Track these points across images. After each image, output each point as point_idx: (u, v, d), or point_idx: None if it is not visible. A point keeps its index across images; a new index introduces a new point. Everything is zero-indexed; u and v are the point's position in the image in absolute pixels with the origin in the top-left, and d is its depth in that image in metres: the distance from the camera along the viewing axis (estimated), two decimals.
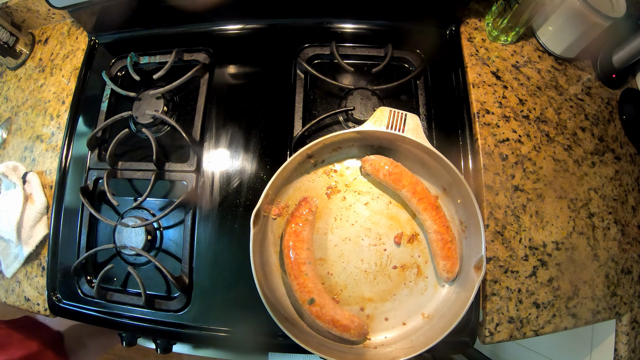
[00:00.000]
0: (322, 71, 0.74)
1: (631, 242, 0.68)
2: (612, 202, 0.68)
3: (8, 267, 0.75)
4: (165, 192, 0.72)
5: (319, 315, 0.57)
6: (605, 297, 0.65)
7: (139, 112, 0.73)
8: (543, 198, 0.66)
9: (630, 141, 0.73)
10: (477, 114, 0.69)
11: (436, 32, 0.77)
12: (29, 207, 0.73)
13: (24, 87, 0.87)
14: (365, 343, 0.61)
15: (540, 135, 0.69)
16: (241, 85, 0.76)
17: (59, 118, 0.80)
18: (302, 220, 0.60)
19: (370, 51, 0.76)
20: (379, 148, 0.67)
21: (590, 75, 0.76)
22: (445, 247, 0.59)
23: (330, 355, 0.55)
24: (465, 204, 0.61)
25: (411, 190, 0.61)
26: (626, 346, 0.66)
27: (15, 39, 0.86)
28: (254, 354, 0.67)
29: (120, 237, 0.68)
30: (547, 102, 0.72)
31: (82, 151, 0.76)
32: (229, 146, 0.72)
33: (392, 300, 0.63)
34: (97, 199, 0.74)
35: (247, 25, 0.80)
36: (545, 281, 0.63)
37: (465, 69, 0.73)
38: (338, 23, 0.78)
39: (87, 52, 0.84)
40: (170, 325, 0.66)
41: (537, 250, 0.64)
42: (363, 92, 0.71)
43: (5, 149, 0.83)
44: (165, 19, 0.81)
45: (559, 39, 0.73)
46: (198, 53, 0.79)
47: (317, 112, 0.73)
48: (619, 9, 0.66)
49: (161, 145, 0.74)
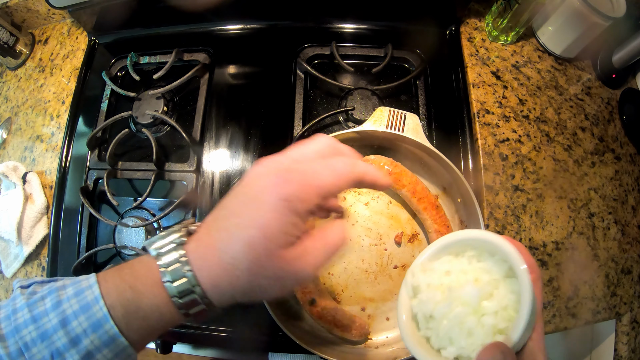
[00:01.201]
0: (322, 71, 0.74)
1: (631, 242, 0.68)
2: (612, 202, 0.69)
3: (8, 267, 0.75)
4: (165, 192, 0.72)
5: (320, 315, 0.57)
6: (605, 297, 0.65)
7: (139, 112, 0.73)
8: (543, 198, 0.66)
9: (630, 141, 0.73)
10: (477, 114, 0.69)
11: (436, 32, 0.77)
12: (29, 207, 0.73)
13: (24, 87, 0.87)
14: (366, 343, 0.61)
15: (540, 135, 0.69)
16: (241, 85, 0.76)
17: (59, 118, 0.80)
18: None
19: (370, 51, 0.76)
20: (379, 148, 0.67)
21: (590, 75, 0.76)
22: None
23: (331, 355, 0.55)
24: (466, 203, 0.61)
25: (411, 190, 0.61)
26: (626, 346, 0.66)
27: (15, 39, 0.86)
28: (254, 354, 0.66)
29: (120, 237, 0.68)
30: (547, 102, 0.72)
31: (82, 151, 0.76)
32: (229, 146, 0.72)
33: (394, 300, 0.62)
34: (97, 199, 0.74)
35: (247, 25, 0.80)
36: (545, 281, 0.63)
37: (465, 69, 0.73)
38: (338, 23, 0.78)
39: (87, 52, 0.84)
40: None
41: (537, 250, 0.64)
42: (363, 92, 0.71)
43: (5, 149, 0.83)
44: (165, 19, 0.81)
45: (559, 39, 0.73)
46: (198, 53, 0.79)
47: (317, 112, 0.73)
48: (619, 9, 0.66)
49: (161, 145, 0.74)
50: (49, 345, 0.27)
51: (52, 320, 0.28)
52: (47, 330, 0.28)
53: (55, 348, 0.28)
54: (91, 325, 0.28)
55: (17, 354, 0.27)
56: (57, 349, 0.28)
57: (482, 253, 0.36)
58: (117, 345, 0.29)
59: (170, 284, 0.29)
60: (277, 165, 0.31)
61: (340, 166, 0.31)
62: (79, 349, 0.28)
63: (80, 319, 0.28)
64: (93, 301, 0.29)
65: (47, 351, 0.27)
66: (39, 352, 0.27)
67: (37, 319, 0.28)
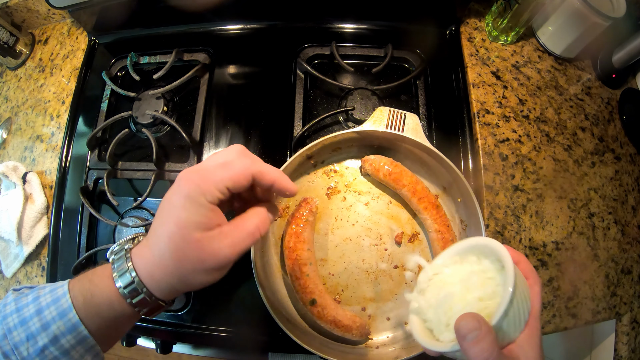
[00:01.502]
0: (322, 71, 0.74)
1: (631, 242, 0.68)
2: (612, 202, 0.69)
3: (8, 267, 0.75)
4: (165, 192, 0.72)
5: (320, 316, 0.57)
6: (605, 297, 0.65)
7: (139, 112, 0.73)
8: (543, 198, 0.66)
9: (630, 141, 0.73)
10: (477, 114, 0.69)
11: (436, 32, 0.77)
12: (29, 207, 0.73)
13: (24, 87, 0.87)
14: (367, 343, 0.61)
15: (540, 135, 0.69)
16: (241, 85, 0.76)
17: (59, 118, 0.80)
18: (303, 221, 0.59)
19: (370, 51, 0.76)
20: (379, 148, 0.67)
21: (590, 75, 0.76)
22: (446, 246, 0.59)
23: (332, 355, 0.55)
24: (466, 203, 0.61)
25: (411, 190, 0.61)
26: (626, 346, 0.66)
27: (15, 39, 0.86)
28: (254, 354, 0.66)
29: (120, 237, 0.68)
30: (547, 102, 0.72)
31: (82, 151, 0.76)
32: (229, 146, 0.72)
33: (394, 299, 0.62)
34: (97, 199, 0.74)
35: (247, 25, 0.80)
36: (545, 281, 0.63)
37: (465, 69, 0.73)
38: (338, 23, 0.78)
39: (87, 52, 0.84)
40: (170, 325, 0.66)
41: (537, 250, 0.64)
42: (363, 92, 0.71)
43: (5, 149, 0.83)
44: (165, 19, 0.81)
45: (559, 39, 0.73)
46: (198, 53, 0.79)
47: (317, 112, 0.73)
48: (619, 9, 0.66)
49: (161, 145, 0.74)
50: (25, 329, 0.34)
51: (30, 309, 0.35)
52: (26, 317, 0.35)
53: (30, 332, 0.34)
54: (59, 313, 0.35)
55: (2, 337, 0.34)
56: (31, 332, 0.34)
57: (480, 256, 0.41)
58: (79, 333, 0.35)
59: (117, 278, 0.37)
60: (185, 172, 0.37)
61: (236, 164, 0.38)
62: (48, 332, 0.34)
63: (51, 308, 0.35)
64: (62, 295, 0.36)
65: (24, 334, 0.34)
66: (18, 334, 0.34)
67: (20, 309, 0.35)
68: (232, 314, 0.65)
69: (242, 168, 0.37)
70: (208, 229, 0.36)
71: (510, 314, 0.34)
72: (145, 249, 0.38)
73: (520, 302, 0.35)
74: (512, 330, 0.35)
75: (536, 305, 0.37)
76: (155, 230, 0.37)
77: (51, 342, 0.34)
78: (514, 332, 0.36)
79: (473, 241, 0.42)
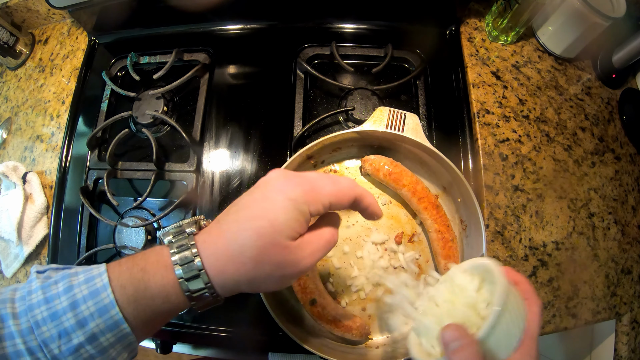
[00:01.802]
0: (322, 71, 0.74)
1: (631, 242, 0.68)
2: (612, 202, 0.69)
3: (8, 267, 0.75)
4: (165, 192, 0.72)
5: (320, 316, 0.57)
6: (605, 297, 0.65)
7: (139, 112, 0.73)
8: (543, 198, 0.66)
9: (630, 141, 0.73)
10: (477, 114, 0.69)
11: (436, 32, 0.77)
12: (29, 207, 0.73)
13: (24, 87, 0.87)
14: (367, 343, 0.61)
15: (540, 135, 0.69)
16: (241, 85, 0.76)
17: (59, 118, 0.80)
18: None
19: (370, 51, 0.76)
20: (379, 148, 0.67)
21: (590, 75, 0.76)
22: (446, 246, 0.59)
23: (332, 355, 0.55)
24: (466, 203, 0.61)
25: (411, 190, 0.61)
26: (626, 346, 0.66)
27: (15, 39, 0.86)
28: (254, 354, 0.66)
29: (120, 237, 0.68)
30: (547, 102, 0.72)
31: (82, 151, 0.76)
32: (229, 146, 0.72)
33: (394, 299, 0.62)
34: (97, 199, 0.74)
35: (247, 25, 0.80)
36: (545, 281, 0.63)
37: (465, 69, 0.73)
38: (338, 23, 0.78)
39: (87, 52, 0.84)
40: (170, 325, 0.66)
41: (537, 250, 0.64)
42: (363, 92, 0.71)
43: (5, 149, 0.83)
44: (165, 19, 0.81)
45: (559, 39, 0.73)
46: (198, 53, 0.79)
47: (317, 112, 0.73)
48: (619, 9, 0.66)
49: (161, 145, 0.74)
50: (57, 325, 0.30)
51: (63, 302, 0.31)
52: (57, 311, 0.31)
53: (64, 328, 0.30)
54: (98, 310, 0.31)
55: (28, 331, 0.30)
56: (64, 329, 0.30)
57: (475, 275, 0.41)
58: (120, 330, 0.32)
59: (178, 268, 0.32)
60: (288, 173, 0.36)
61: (343, 182, 0.37)
62: (85, 330, 0.31)
63: (88, 303, 0.31)
64: (102, 288, 0.31)
65: (55, 330, 0.30)
66: (48, 330, 0.30)
67: (49, 301, 0.31)
68: (232, 314, 0.65)
69: (348, 187, 0.37)
70: (295, 238, 0.34)
71: (498, 330, 0.34)
72: (218, 239, 0.34)
73: (512, 320, 0.35)
74: (502, 348, 0.35)
75: (533, 326, 0.36)
76: (238, 220, 0.34)
77: (88, 340, 0.31)
78: (505, 350, 0.35)
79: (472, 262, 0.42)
